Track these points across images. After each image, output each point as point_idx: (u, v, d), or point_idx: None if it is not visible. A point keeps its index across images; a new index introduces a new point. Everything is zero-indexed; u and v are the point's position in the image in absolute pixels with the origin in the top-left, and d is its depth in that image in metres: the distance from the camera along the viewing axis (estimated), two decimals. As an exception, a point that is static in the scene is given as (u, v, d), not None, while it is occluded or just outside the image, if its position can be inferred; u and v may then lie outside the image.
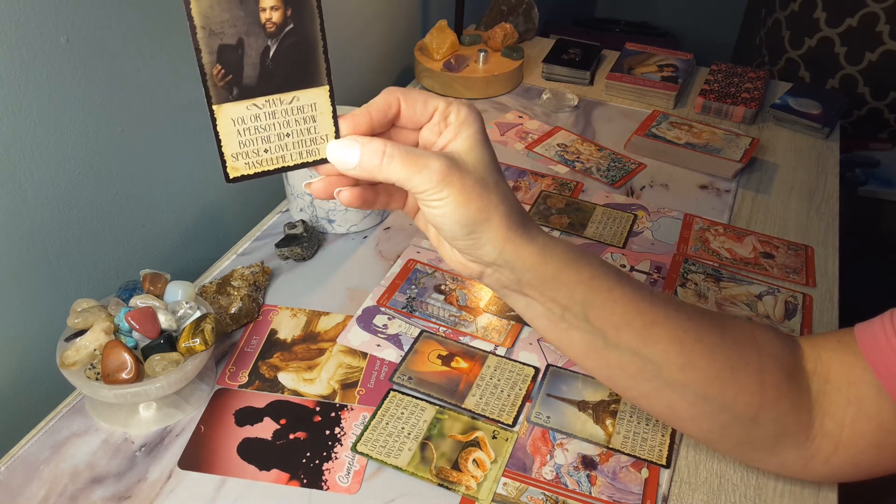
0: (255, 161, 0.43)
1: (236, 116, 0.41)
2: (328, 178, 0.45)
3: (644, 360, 0.47)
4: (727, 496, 0.56)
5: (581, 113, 1.11)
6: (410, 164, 0.40)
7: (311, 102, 0.42)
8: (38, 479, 0.54)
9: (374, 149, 0.41)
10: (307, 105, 0.42)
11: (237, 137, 0.41)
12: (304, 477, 0.56)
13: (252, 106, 0.41)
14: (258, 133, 0.42)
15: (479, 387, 0.64)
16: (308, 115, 0.43)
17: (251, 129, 0.42)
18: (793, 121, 1.09)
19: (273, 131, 0.42)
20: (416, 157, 0.41)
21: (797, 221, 0.89)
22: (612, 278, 0.46)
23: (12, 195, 0.60)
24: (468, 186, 0.41)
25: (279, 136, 0.43)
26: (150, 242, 0.77)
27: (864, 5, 1.44)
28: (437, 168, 0.40)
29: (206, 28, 0.38)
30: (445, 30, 1.14)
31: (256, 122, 0.42)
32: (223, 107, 0.40)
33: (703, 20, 2.42)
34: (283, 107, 0.42)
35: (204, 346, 0.57)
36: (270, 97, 0.41)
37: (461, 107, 0.43)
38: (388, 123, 0.44)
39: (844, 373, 0.48)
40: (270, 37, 0.40)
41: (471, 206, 0.41)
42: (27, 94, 0.58)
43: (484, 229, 0.42)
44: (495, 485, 0.56)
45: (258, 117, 0.41)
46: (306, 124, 0.43)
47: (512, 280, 0.45)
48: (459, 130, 0.43)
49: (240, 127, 0.41)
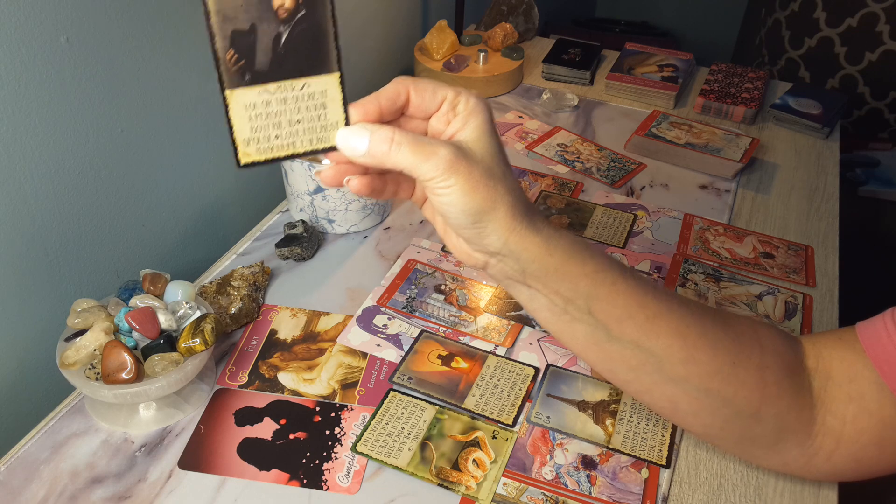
0: (266, 147, 0.43)
1: (248, 102, 0.41)
2: (338, 165, 0.46)
3: (646, 353, 0.47)
4: (727, 496, 0.56)
5: (581, 113, 1.11)
6: (418, 152, 0.41)
7: (322, 89, 0.42)
8: (37, 479, 0.54)
9: (382, 136, 0.41)
10: (318, 92, 0.42)
11: (249, 123, 0.42)
12: (304, 477, 0.56)
13: (264, 91, 0.41)
14: (269, 119, 0.42)
15: (479, 387, 0.64)
16: (319, 102, 0.43)
17: (263, 115, 0.42)
18: (793, 121, 1.09)
19: (284, 117, 0.42)
20: (425, 145, 0.41)
21: (797, 221, 0.89)
22: (615, 271, 0.47)
23: (12, 195, 0.60)
24: (475, 175, 0.41)
25: (290, 123, 0.43)
26: (150, 242, 0.77)
27: (864, 5, 1.44)
28: (445, 156, 0.41)
29: (221, 13, 0.38)
30: (445, 30, 1.14)
31: (268, 108, 0.42)
32: (235, 92, 0.41)
33: (703, 20, 2.42)
34: (294, 93, 0.42)
35: (204, 346, 0.57)
36: (282, 83, 0.41)
37: (470, 97, 0.44)
38: (396, 112, 0.45)
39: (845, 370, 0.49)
40: (283, 23, 0.40)
41: (477, 194, 0.41)
42: (27, 94, 0.58)
43: (490, 218, 0.42)
44: (495, 485, 0.56)
45: (269, 103, 0.42)
46: (317, 111, 0.43)
47: (516, 271, 0.45)
48: (468, 120, 0.43)
49: (251, 112, 0.41)
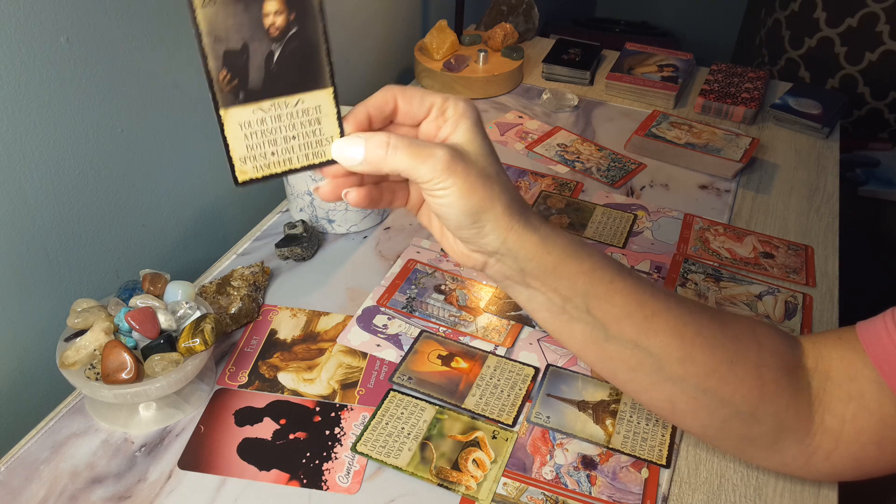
0: (263, 164, 0.43)
1: (243, 120, 0.41)
2: (335, 180, 0.46)
3: (644, 352, 0.47)
4: (727, 496, 0.56)
5: (581, 113, 1.11)
6: (415, 154, 0.41)
7: (316, 105, 0.43)
8: (37, 480, 0.54)
9: (378, 141, 0.42)
10: (312, 108, 0.43)
11: (244, 141, 0.42)
12: (303, 477, 0.56)
13: (258, 110, 0.41)
14: (265, 136, 0.42)
15: (478, 387, 0.64)
16: (313, 118, 0.43)
17: (258, 133, 0.42)
18: (793, 121, 1.09)
19: (279, 134, 0.43)
20: (421, 147, 0.41)
21: (797, 221, 0.89)
22: (613, 270, 0.47)
23: (12, 195, 0.60)
24: (472, 176, 0.42)
25: (285, 139, 0.43)
26: (150, 242, 0.77)
27: (864, 5, 1.44)
28: (442, 157, 0.41)
29: (212, 34, 0.38)
30: (445, 30, 1.14)
31: (263, 126, 0.42)
32: (230, 111, 0.41)
33: (703, 20, 2.42)
34: (288, 110, 0.42)
35: (204, 346, 0.57)
36: (276, 100, 0.42)
37: (458, 101, 0.44)
38: (385, 120, 0.45)
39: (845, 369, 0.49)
40: (274, 41, 0.40)
41: (474, 195, 0.42)
42: (27, 94, 0.58)
43: (487, 218, 0.43)
44: (495, 485, 0.56)
45: (264, 121, 0.42)
46: (311, 126, 0.43)
47: (515, 270, 0.45)
48: (458, 124, 0.44)
49: (247, 131, 0.42)
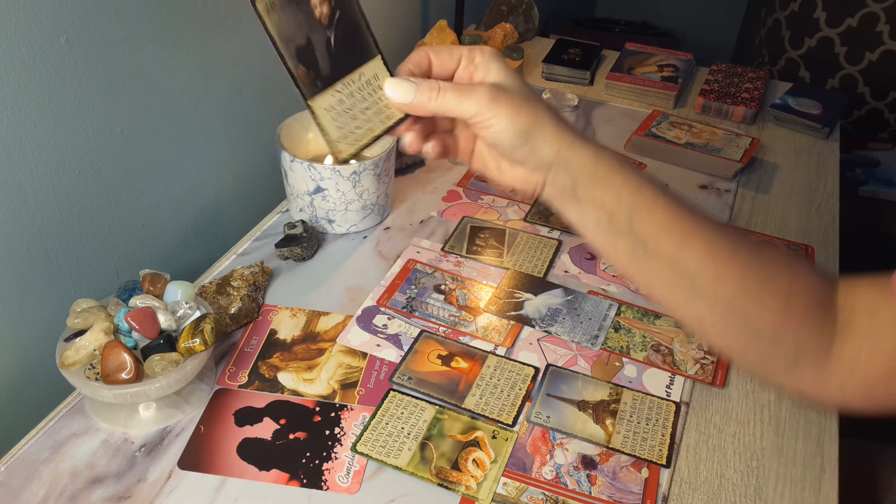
0: (353, 139, 0.48)
1: (327, 105, 0.46)
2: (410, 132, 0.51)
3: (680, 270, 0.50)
4: (727, 496, 0.56)
5: (581, 113, 1.11)
6: (461, 93, 0.47)
7: (374, 73, 0.48)
8: (37, 480, 0.54)
9: (429, 85, 0.47)
10: (371, 77, 0.48)
11: (334, 122, 0.47)
12: (303, 477, 0.56)
13: (335, 92, 0.46)
14: (347, 114, 0.47)
15: (478, 387, 0.64)
16: (375, 86, 0.48)
17: (340, 113, 0.47)
18: (793, 121, 1.09)
19: (357, 108, 0.48)
20: (465, 87, 0.47)
21: (797, 221, 0.89)
22: (656, 188, 0.50)
23: (12, 195, 0.60)
24: (516, 101, 0.47)
25: (362, 111, 0.48)
26: (150, 242, 0.77)
27: (864, 5, 1.44)
28: (485, 91, 0.46)
29: (282, 36, 0.43)
30: (445, 30, 1.14)
31: (342, 105, 0.47)
32: (316, 100, 0.45)
33: (703, 20, 2.42)
34: (356, 85, 0.47)
35: (203, 346, 0.57)
36: (344, 80, 0.47)
37: (483, 48, 0.49)
38: (424, 75, 0.50)
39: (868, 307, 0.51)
40: (327, 28, 0.45)
41: (521, 116, 0.47)
42: (27, 94, 0.58)
43: (538, 132, 0.47)
44: (495, 485, 0.56)
45: (342, 101, 0.47)
46: (377, 93, 0.48)
47: (568, 184, 0.49)
48: (489, 66, 0.49)
49: (332, 113, 0.46)
